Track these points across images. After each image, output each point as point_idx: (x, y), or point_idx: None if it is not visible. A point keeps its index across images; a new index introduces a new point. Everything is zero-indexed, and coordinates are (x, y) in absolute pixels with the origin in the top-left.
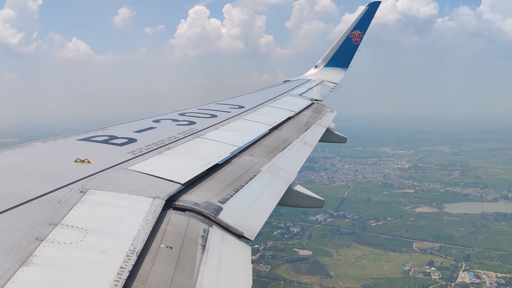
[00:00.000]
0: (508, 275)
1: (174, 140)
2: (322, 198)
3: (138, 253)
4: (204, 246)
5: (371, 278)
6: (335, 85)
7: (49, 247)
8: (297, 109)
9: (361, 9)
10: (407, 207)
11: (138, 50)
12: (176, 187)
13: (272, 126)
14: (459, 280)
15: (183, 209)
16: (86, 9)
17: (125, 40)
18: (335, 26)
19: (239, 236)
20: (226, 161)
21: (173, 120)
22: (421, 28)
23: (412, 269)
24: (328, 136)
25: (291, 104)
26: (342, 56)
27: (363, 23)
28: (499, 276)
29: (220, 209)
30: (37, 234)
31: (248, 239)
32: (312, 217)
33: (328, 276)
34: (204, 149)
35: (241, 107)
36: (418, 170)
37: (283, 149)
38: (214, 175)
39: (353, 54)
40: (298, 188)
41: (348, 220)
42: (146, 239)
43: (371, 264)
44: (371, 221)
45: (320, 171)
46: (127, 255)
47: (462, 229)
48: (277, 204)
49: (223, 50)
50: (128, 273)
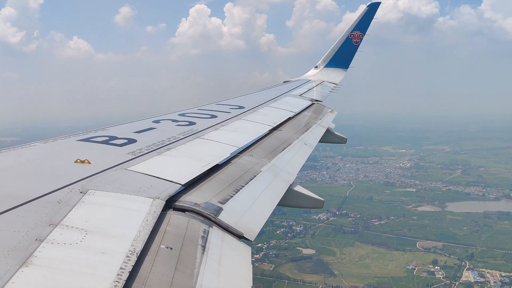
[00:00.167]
0: None
1: (174, 141)
2: (322, 199)
3: (138, 254)
4: (204, 247)
5: (375, 277)
6: (335, 86)
7: (49, 248)
8: (297, 110)
9: (363, 8)
10: (410, 206)
11: (139, 49)
12: (176, 188)
13: (272, 127)
14: (463, 279)
15: (183, 210)
16: (87, 8)
17: (126, 39)
18: (336, 25)
19: (239, 237)
20: (226, 162)
21: (173, 121)
22: (422, 27)
23: (416, 268)
24: (328, 137)
25: (291, 105)
26: (342, 57)
27: (363, 24)
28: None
29: (220, 210)
30: (37, 235)
31: (248, 240)
32: (315, 216)
33: (332, 275)
34: (204, 150)
35: (241, 108)
36: (420, 169)
37: (283, 150)
38: (214, 176)
39: (353, 55)
40: (298, 189)
41: (351, 219)
42: (146, 240)
43: (375, 263)
44: (374, 220)
45: (322, 170)
46: (127, 256)
47: (465, 228)
48: (277, 205)
49: (224, 49)
50: (128, 274)
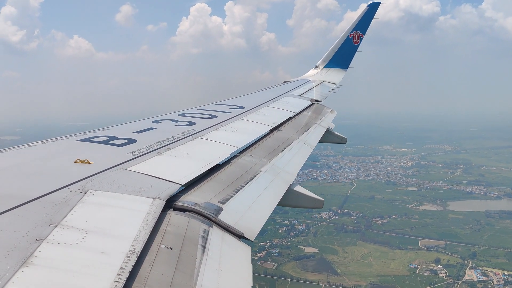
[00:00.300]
0: None
1: (174, 141)
2: (322, 199)
3: (138, 254)
4: (204, 247)
5: (378, 276)
6: (335, 86)
7: (49, 248)
8: (297, 110)
9: (364, 7)
10: (411, 205)
11: (140, 48)
12: (176, 188)
13: (272, 127)
14: (466, 278)
15: (183, 210)
16: (88, 7)
17: (127, 38)
18: (337, 24)
19: (239, 237)
20: (226, 162)
21: (173, 121)
22: (424, 26)
23: (419, 267)
24: (328, 137)
25: (291, 105)
26: (342, 57)
27: (363, 24)
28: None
29: (220, 210)
30: (37, 235)
31: (248, 240)
32: (317, 215)
33: (335, 274)
34: (204, 150)
35: (241, 108)
36: (421, 168)
37: (283, 150)
38: (214, 176)
39: (353, 55)
40: (298, 189)
41: (353, 218)
42: (146, 240)
43: (378, 262)
44: (376, 219)
45: (323, 169)
46: (127, 256)
47: (467, 227)
48: (277, 205)
49: (225, 48)
50: (128, 274)
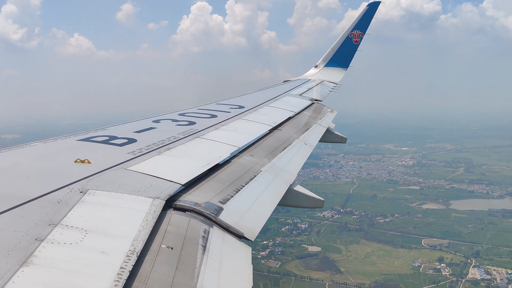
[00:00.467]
0: None
1: (174, 141)
2: (322, 199)
3: (138, 254)
4: (205, 247)
5: (382, 274)
6: (335, 85)
7: (49, 248)
8: (297, 109)
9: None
10: (414, 204)
11: (140, 46)
12: (176, 187)
13: (272, 126)
14: (470, 276)
15: (184, 209)
16: (89, 5)
17: (128, 36)
18: (338, 23)
19: (240, 237)
20: (226, 161)
21: (173, 120)
22: (425, 25)
23: (422, 266)
24: (328, 136)
25: (291, 104)
26: (342, 56)
27: (363, 23)
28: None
29: (221, 210)
30: (37, 235)
31: (249, 240)
32: (319, 214)
33: (339, 272)
34: (204, 150)
35: (241, 107)
36: (423, 167)
37: (283, 150)
38: (214, 176)
39: (353, 54)
40: (298, 188)
41: (356, 217)
42: (146, 240)
43: (381, 261)
44: (379, 218)
45: (325, 168)
46: (127, 256)
47: (470, 226)
48: (277, 205)
49: (226, 46)
50: (128, 273)
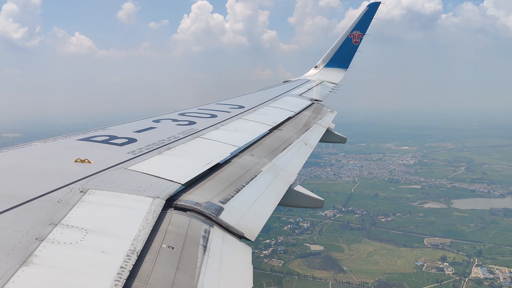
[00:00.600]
0: None
1: (174, 140)
2: (322, 199)
3: (139, 253)
4: (206, 247)
5: (385, 273)
6: (335, 86)
7: (49, 247)
8: (297, 109)
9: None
10: (415, 203)
11: (141, 45)
12: (176, 187)
13: (272, 126)
14: (473, 275)
15: (184, 209)
16: (90, 4)
17: (128, 35)
18: (339, 22)
19: (240, 237)
20: (227, 161)
21: (173, 120)
22: (426, 24)
23: (425, 265)
24: (328, 136)
25: (291, 104)
26: (342, 57)
27: (363, 24)
28: None
29: (221, 210)
30: (37, 234)
31: (249, 240)
32: (321, 213)
33: (342, 271)
34: (204, 149)
35: (241, 107)
36: (424, 166)
37: (284, 150)
38: (215, 175)
39: (353, 55)
40: (298, 188)
41: (357, 216)
42: (147, 239)
43: (384, 260)
44: (380, 217)
45: (326, 167)
46: (127, 255)
47: (472, 225)
48: (277, 205)
49: (226, 46)
50: (129, 273)
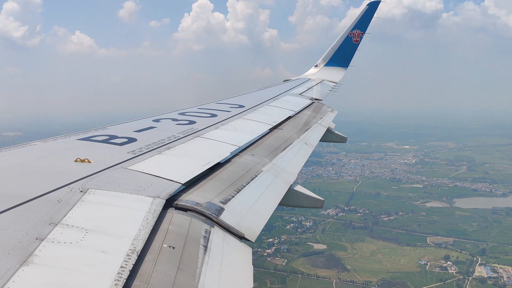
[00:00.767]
0: None
1: (174, 140)
2: (322, 198)
3: (139, 253)
4: (206, 247)
5: (388, 272)
6: (335, 85)
7: (50, 247)
8: (297, 109)
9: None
10: (418, 202)
11: (141, 44)
12: (177, 187)
13: (273, 126)
14: (476, 274)
15: (185, 209)
16: (91, 2)
17: (129, 34)
18: (340, 21)
19: (240, 237)
20: (227, 161)
21: (173, 120)
22: (427, 23)
23: (429, 263)
24: (328, 136)
25: (291, 104)
26: (342, 56)
27: (363, 23)
28: None
29: (222, 210)
30: (37, 234)
31: (249, 241)
32: (324, 212)
33: (345, 270)
34: (204, 149)
35: (241, 107)
36: (425, 165)
37: (284, 149)
38: (215, 175)
39: (353, 54)
40: (298, 188)
41: (360, 215)
42: (147, 239)
43: (387, 258)
44: (383, 216)
45: (327, 166)
46: (128, 255)
47: (475, 224)
48: (277, 204)
49: (227, 44)
50: (129, 273)
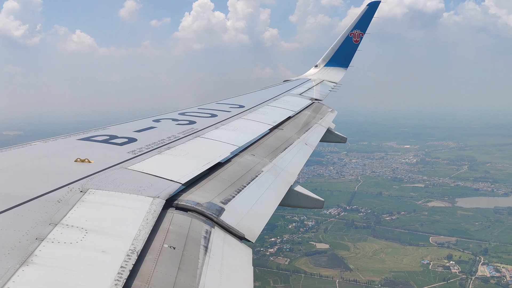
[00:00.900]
0: None
1: (174, 140)
2: (322, 199)
3: (139, 253)
4: (207, 248)
5: (391, 272)
6: (335, 85)
7: (49, 247)
8: (297, 109)
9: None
10: (419, 201)
11: (142, 43)
12: (177, 187)
13: (272, 126)
14: (479, 274)
15: (185, 209)
16: (92, 1)
17: (129, 33)
18: (341, 20)
19: (240, 238)
20: (227, 161)
21: (173, 120)
22: (427, 23)
23: (431, 263)
24: (328, 136)
25: (291, 104)
26: (342, 56)
27: (363, 23)
28: None
29: (222, 210)
30: (37, 234)
31: (249, 241)
32: (326, 211)
33: (348, 269)
34: (205, 149)
35: (241, 107)
36: (426, 165)
37: (284, 150)
38: (215, 175)
39: (353, 54)
40: (298, 189)
41: (362, 214)
42: (146, 239)
43: (390, 258)
44: (385, 215)
45: (328, 165)
46: (128, 255)
47: (477, 224)
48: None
49: (228, 44)
50: (129, 273)
